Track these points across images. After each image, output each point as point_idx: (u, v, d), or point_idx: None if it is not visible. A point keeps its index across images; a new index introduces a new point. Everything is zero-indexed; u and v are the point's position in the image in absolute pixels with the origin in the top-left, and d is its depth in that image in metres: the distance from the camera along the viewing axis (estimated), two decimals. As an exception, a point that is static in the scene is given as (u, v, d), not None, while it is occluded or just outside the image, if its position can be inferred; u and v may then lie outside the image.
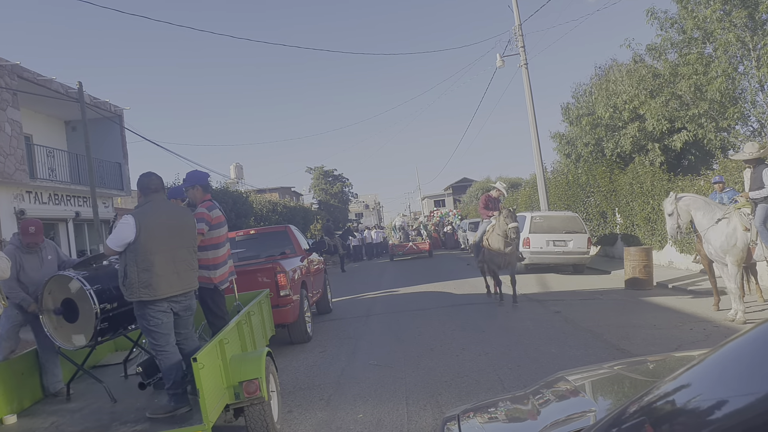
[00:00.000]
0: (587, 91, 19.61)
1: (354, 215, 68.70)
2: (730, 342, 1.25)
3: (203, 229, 5.25)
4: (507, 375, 5.99)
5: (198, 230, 5.05)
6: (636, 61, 16.59)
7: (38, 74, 16.52)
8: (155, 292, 4.25)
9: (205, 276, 5.31)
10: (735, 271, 7.52)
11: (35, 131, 18.24)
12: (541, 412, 2.12)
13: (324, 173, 51.59)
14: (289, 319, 8.29)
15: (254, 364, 4.56)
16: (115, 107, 20.67)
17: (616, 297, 10.57)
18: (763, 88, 13.03)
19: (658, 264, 13.45)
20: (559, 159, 22.56)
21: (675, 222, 7.97)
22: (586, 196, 18.60)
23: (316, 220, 40.13)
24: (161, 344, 4.34)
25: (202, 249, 5.26)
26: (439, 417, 4.81)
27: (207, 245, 5.37)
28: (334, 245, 23.95)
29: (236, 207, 22.71)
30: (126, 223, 4.27)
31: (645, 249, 11.44)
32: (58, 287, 4.69)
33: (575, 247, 14.55)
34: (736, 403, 1.04)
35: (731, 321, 7.58)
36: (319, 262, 11.39)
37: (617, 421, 1.35)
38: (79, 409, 4.70)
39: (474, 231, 27.00)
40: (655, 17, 14.56)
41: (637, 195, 14.92)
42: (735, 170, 10.67)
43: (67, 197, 18.55)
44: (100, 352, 6.23)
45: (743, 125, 14.20)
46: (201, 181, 5.67)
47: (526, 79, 19.30)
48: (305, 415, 5.47)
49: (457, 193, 62.26)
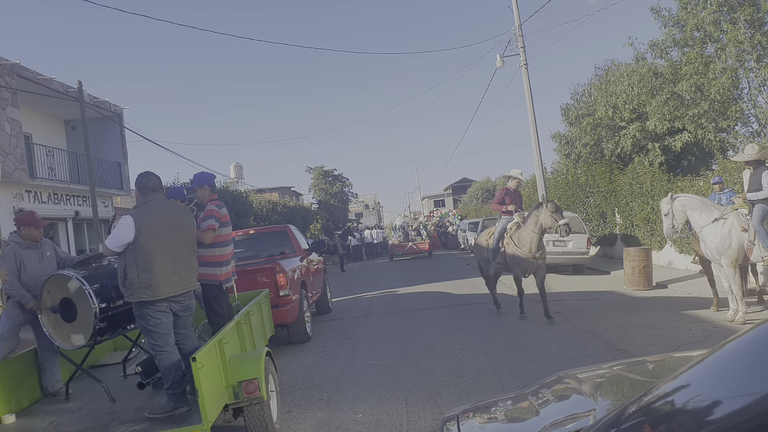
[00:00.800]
0: (586, 91, 19.63)
1: (354, 215, 68.69)
2: (729, 342, 1.25)
3: (215, 225, 5.32)
4: (506, 375, 5.99)
5: (210, 226, 5.18)
6: (638, 59, 16.63)
7: (38, 73, 16.51)
8: (155, 292, 4.24)
9: (211, 273, 5.38)
10: (731, 272, 7.52)
11: (35, 130, 18.22)
12: (540, 413, 2.12)
13: (324, 173, 51.57)
14: (289, 319, 8.28)
15: (253, 363, 4.55)
16: (115, 106, 20.66)
17: (616, 297, 10.57)
18: (762, 89, 13.05)
19: (658, 264, 13.46)
20: (558, 159, 22.61)
21: (670, 222, 7.98)
22: (585, 196, 18.60)
23: (316, 220, 40.12)
24: (160, 344, 4.34)
25: (211, 246, 5.34)
26: (439, 417, 4.81)
27: (215, 242, 5.42)
28: (334, 245, 23.96)
29: (236, 207, 22.69)
30: (125, 224, 4.26)
31: (644, 249, 11.44)
32: (57, 286, 4.69)
33: (575, 248, 14.55)
34: (735, 404, 1.04)
35: (730, 321, 7.58)
36: (319, 262, 11.39)
37: (616, 422, 1.34)
38: (78, 408, 4.69)
39: (474, 231, 27.11)
40: (660, 15, 14.68)
41: (637, 195, 14.92)
42: (734, 171, 10.66)
43: (67, 197, 18.54)
44: (99, 352, 6.23)
45: (743, 126, 14.23)
46: (209, 181, 5.78)
47: (525, 80, 19.29)
48: (304, 415, 5.47)
49: (456, 193, 62.28)
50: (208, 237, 5.30)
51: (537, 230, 8.62)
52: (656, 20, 14.97)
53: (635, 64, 16.82)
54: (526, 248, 8.73)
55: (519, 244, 8.84)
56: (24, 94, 15.81)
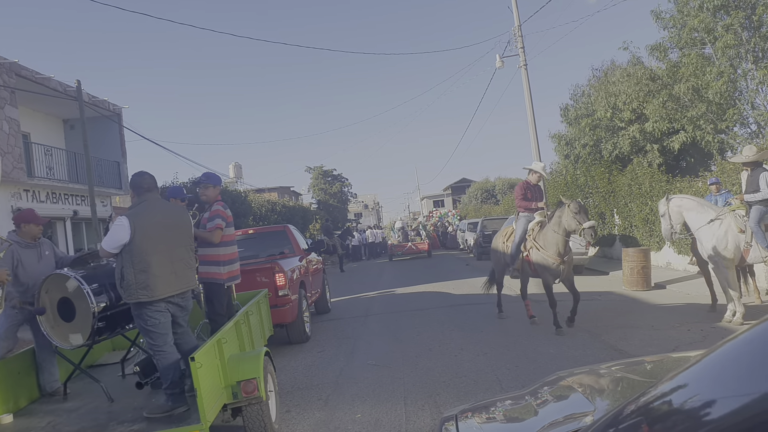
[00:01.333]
0: (585, 92, 19.65)
1: (353, 215, 68.67)
2: (727, 343, 1.25)
3: (221, 224, 5.43)
4: (505, 375, 5.99)
5: (216, 225, 5.33)
6: (634, 63, 16.67)
7: (36, 72, 16.50)
8: (153, 292, 4.23)
9: (215, 272, 5.42)
10: (728, 273, 7.53)
11: (33, 129, 18.21)
12: (539, 413, 2.12)
13: (323, 173, 51.54)
14: (288, 319, 8.28)
15: (252, 363, 4.55)
16: (114, 106, 20.65)
17: (614, 298, 10.58)
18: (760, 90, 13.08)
19: (656, 265, 13.46)
20: (558, 160, 22.62)
21: (668, 223, 7.99)
22: (584, 196, 18.61)
23: (315, 220, 40.10)
24: (159, 344, 4.33)
25: (215, 245, 5.42)
26: (437, 417, 4.81)
27: (220, 242, 5.45)
28: (333, 245, 23.96)
29: (235, 206, 22.66)
30: (120, 225, 4.24)
31: (643, 250, 11.45)
32: (56, 286, 4.68)
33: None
34: (734, 404, 1.04)
35: (728, 322, 7.59)
36: (318, 261, 11.39)
37: (615, 422, 1.35)
38: (76, 408, 4.69)
39: (473, 231, 27.07)
40: (660, 18, 14.78)
41: (636, 196, 14.92)
42: (732, 172, 10.68)
43: (65, 196, 18.53)
44: (97, 352, 6.22)
45: (742, 127, 14.26)
46: (218, 182, 5.89)
47: (525, 80, 19.30)
48: (303, 414, 5.47)
49: (456, 193, 62.27)
50: (216, 236, 5.35)
51: (561, 231, 7.81)
52: (657, 23, 15.06)
53: (632, 67, 16.86)
54: (552, 250, 7.88)
55: (544, 246, 7.99)
56: (22, 93, 15.79)
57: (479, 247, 22.72)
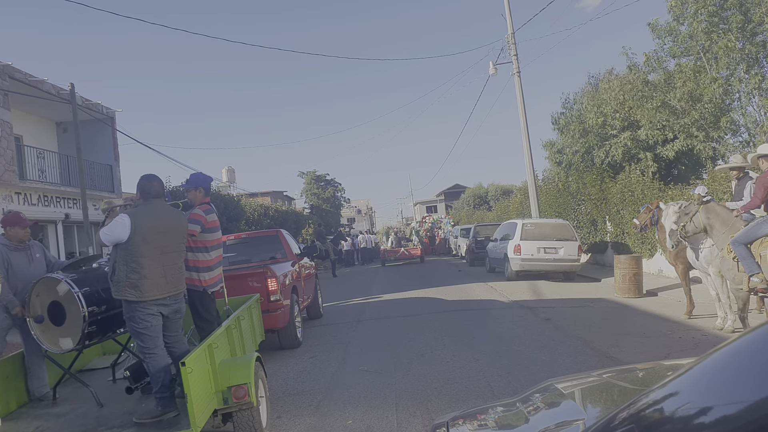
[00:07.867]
0: (577, 99, 19.77)
1: (346, 220, 68.63)
2: (718, 350, 1.25)
3: (196, 230, 5.23)
4: (497, 382, 5.99)
5: (190, 231, 5.03)
6: (631, 69, 16.80)
7: (30, 75, 16.42)
8: (141, 294, 4.23)
9: (194, 278, 5.28)
10: (719, 282, 7.58)
11: (26, 132, 18.11)
12: (530, 420, 2.12)
13: (316, 178, 51.49)
14: (279, 324, 8.24)
15: (243, 369, 4.52)
16: (107, 109, 20.57)
17: (606, 305, 10.61)
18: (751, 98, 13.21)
19: (648, 272, 13.53)
20: (550, 167, 22.75)
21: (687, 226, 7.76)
22: (576, 203, 18.70)
23: (308, 225, 40.02)
24: (149, 347, 4.31)
25: (192, 250, 5.25)
26: (429, 424, 4.80)
27: (198, 247, 5.33)
28: (326, 250, 23.92)
29: (227, 211, 22.60)
30: (121, 223, 4.25)
31: (635, 257, 11.51)
32: (46, 290, 4.65)
33: (566, 255, 14.61)
34: (724, 411, 1.05)
35: (720, 330, 7.63)
36: (311, 266, 11.36)
37: (606, 429, 1.35)
38: (65, 413, 4.65)
39: (466, 237, 27.06)
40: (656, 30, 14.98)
41: (628, 203, 15.01)
42: (724, 180, 10.77)
43: (57, 199, 18.40)
44: (87, 356, 6.17)
45: (733, 135, 14.38)
46: (204, 184, 5.70)
47: (518, 87, 19.40)
48: (294, 420, 5.44)
49: (449, 199, 62.44)
50: None
51: None
52: (653, 33, 15.24)
53: (629, 74, 16.98)
54: None
55: None
56: (15, 95, 15.71)
57: (472, 253, 22.74)
